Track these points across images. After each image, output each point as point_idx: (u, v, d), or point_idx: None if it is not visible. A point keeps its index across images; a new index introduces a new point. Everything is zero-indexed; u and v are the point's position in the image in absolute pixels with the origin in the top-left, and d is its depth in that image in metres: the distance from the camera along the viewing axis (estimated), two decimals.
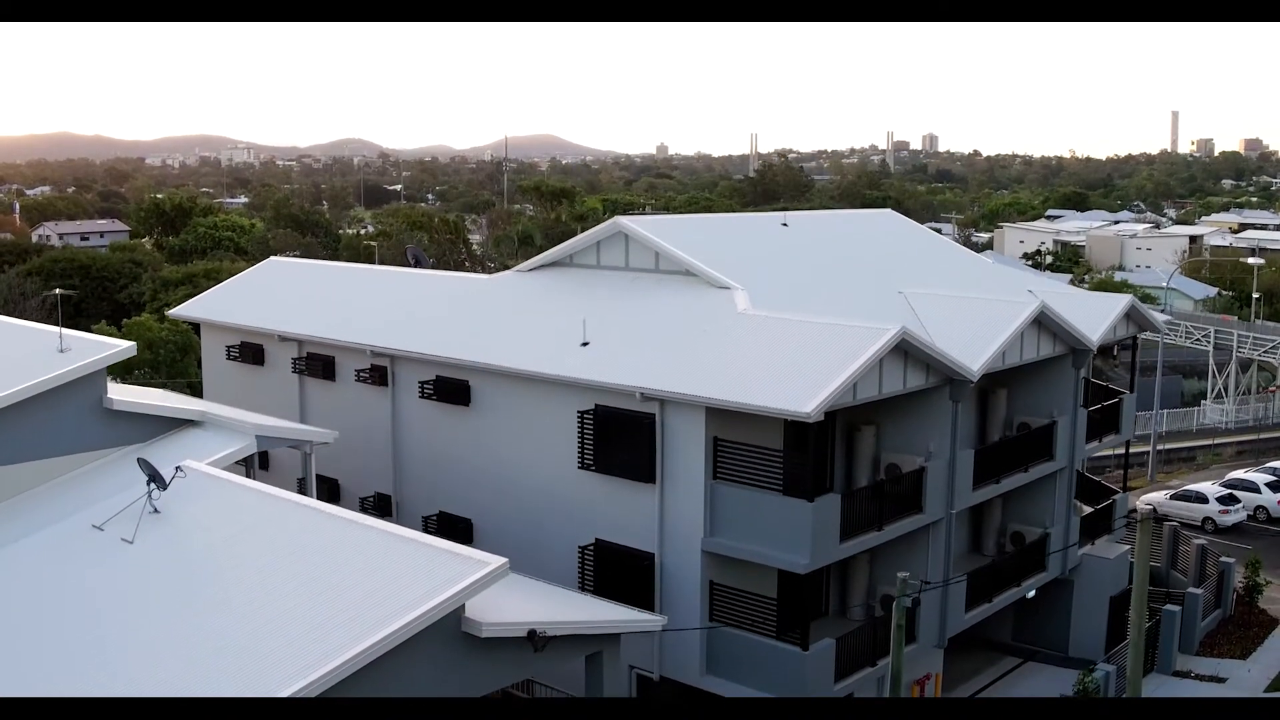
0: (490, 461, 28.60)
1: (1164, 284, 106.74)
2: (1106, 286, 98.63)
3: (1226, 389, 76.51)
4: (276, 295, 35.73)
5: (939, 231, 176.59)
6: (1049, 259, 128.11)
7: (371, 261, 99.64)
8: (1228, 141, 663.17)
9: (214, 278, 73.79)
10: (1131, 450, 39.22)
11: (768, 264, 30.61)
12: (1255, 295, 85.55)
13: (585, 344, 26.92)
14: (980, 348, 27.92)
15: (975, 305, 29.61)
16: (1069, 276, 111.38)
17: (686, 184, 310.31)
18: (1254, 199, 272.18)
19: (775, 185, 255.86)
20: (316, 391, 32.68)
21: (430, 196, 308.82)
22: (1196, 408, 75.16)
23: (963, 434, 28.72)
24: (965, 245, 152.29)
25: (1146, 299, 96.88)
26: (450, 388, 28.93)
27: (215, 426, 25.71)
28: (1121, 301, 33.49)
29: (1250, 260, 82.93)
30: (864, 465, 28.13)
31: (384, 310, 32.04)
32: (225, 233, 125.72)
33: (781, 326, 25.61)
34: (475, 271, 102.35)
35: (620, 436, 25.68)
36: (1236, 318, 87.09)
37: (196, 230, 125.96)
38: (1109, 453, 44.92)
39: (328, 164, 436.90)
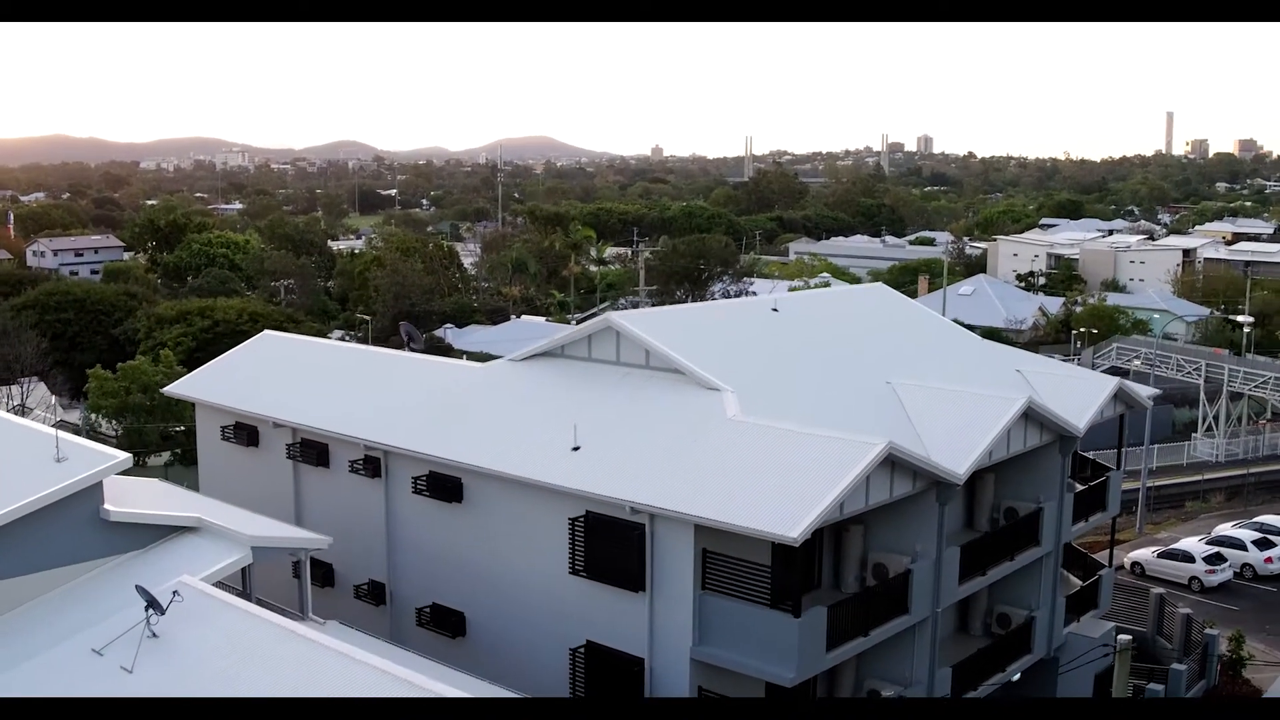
0: (483, 557, 28.93)
1: (1156, 304, 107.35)
2: (1100, 313, 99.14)
3: (1217, 421, 76.97)
4: (270, 375, 35.94)
5: (933, 242, 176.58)
6: (1041, 280, 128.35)
7: (365, 287, 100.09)
8: (1222, 142, 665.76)
9: (208, 315, 74.29)
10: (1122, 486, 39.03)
11: (757, 356, 30.91)
12: (1246, 330, 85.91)
13: (576, 449, 27.25)
14: (968, 446, 28.28)
15: (963, 400, 29.92)
16: (1061, 300, 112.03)
17: (681, 188, 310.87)
18: (1248, 203, 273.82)
19: (770, 192, 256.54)
20: (311, 477, 32.99)
21: (425, 202, 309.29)
22: (1187, 441, 75.62)
23: (949, 525, 29.11)
24: (960, 257, 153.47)
25: (1139, 325, 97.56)
26: (443, 484, 29.24)
27: (211, 534, 25.96)
28: (1108, 385, 33.85)
29: (1241, 319, 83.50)
30: (851, 564, 28.50)
31: (377, 400, 32.25)
32: (220, 250, 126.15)
33: (770, 437, 25.90)
34: (470, 296, 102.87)
35: (610, 544, 26.01)
36: (1229, 347, 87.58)
37: (190, 247, 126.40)
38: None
39: (322, 167, 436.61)
